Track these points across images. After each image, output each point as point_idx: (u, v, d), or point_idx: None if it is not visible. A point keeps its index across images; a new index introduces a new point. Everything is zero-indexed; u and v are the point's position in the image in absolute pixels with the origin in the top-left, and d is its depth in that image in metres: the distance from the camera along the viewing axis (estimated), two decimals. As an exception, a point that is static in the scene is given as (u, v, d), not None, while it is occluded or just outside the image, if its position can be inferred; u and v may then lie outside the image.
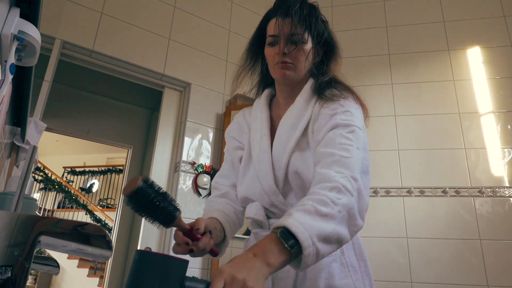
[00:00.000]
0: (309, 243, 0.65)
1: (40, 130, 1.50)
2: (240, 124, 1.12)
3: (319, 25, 1.00)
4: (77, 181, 8.47)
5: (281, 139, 0.96)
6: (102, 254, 0.46)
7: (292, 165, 0.91)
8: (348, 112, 0.90)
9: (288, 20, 0.95)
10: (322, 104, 0.94)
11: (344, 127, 0.86)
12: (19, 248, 0.42)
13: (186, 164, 2.36)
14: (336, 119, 0.88)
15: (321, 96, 0.96)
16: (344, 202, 0.72)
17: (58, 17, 2.13)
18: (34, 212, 0.98)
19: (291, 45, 0.96)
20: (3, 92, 0.67)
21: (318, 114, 0.93)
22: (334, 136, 0.85)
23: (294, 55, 0.96)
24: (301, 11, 0.96)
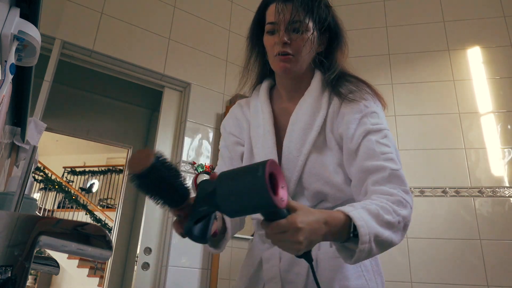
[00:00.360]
0: (366, 239, 0.67)
1: (40, 130, 1.50)
2: (238, 119, 1.03)
3: (322, 10, 0.91)
4: (77, 181, 8.47)
5: (294, 138, 0.88)
6: (102, 254, 0.46)
7: (309, 166, 0.86)
8: (374, 114, 0.87)
9: (289, 5, 0.87)
10: (340, 102, 0.89)
11: (376, 132, 0.84)
12: (19, 248, 0.42)
13: (186, 164, 2.36)
14: (366, 124, 0.84)
15: (337, 93, 0.90)
16: (404, 215, 0.75)
17: (58, 17, 2.13)
18: (34, 212, 0.98)
19: (292, 33, 0.87)
20: (3, 92, 0.67)
21: (338, 113, 0.88)
22: (371, 145, 0.82)
23: (296, 45, 0.88)
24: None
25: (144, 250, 2.22)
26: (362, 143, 0.83)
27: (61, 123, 4.11)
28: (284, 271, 0.86)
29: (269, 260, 0.88)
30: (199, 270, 2.22)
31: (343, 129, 0.86)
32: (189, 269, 2.19)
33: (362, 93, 0.89)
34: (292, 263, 0.85)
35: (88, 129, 4.19)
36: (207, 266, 2.24)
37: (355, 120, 0.85)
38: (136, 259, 2.24)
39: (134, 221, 4.04)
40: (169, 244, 2.18)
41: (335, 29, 0.95)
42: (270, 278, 0.87)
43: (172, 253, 2.16)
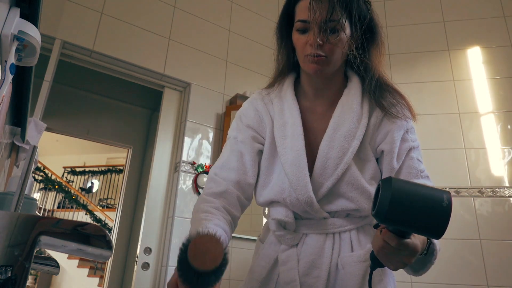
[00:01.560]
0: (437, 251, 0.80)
1: (40, 130, 1.50)
2: (260, 112, 0.94)
3: (360, 7, 0.84)
4: (77, 181, 8.47)
5: (335, 145, 0.84)
6: (102, 254, 0.46)
7: (349, 175, 0.84)
8: (413, 129, 0.90)
9: (325, 2, 0.79)
10: (382, 115, 0.87)
11: (416, 149, 0.88)
12: (19, 248, 0.42)
13: (186, 164, 2.36)
14: (408, 141, 0.87)
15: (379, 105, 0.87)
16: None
17: (58, 17, 2.13)
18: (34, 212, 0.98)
19: (326, 33, 0.80)
20: (3, 92, 0.67)
21: (379, 125, 0.87)
22: (413, 163, 0.86)
23: (330, 46, 0.81)
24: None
25: (144, 250, 2.22)
26: (405, 161, 0.86)
27: (61, 123, 4.11)
28: (303, 274, 0.83)
29: (286, 263, 0.85)
30: (199, 270, 2.22)
31: (387, 147, 0.85)
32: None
33: (403, 108, 0.88)
34: (312, 266, 0.83)
35: (88, 129, 4.19)
36: (207, 266, 2.24)
37: (398, 136, 0.86)
38: (136, 259, 2.24)
39: (134, 221, 4.04)
40: (169, 244, 2.18)
41: (372, 26, 0.89)
42: (287, 282, 0.83)
43: (172, 253, 2.16)
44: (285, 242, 0.87)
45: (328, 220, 0.85)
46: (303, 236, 0.86)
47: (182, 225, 2.24)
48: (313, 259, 0.83)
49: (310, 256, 0.83)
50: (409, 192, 0.60)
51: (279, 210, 0.88)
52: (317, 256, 0.83)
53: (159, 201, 2.34)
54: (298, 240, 0.86)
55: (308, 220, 0.87)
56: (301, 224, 0.87)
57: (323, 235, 0.85)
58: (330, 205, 0.85)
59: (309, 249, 0.84)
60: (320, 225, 0.85)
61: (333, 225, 0.85)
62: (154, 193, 2.34)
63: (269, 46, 2.96)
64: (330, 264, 0.82)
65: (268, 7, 3.03)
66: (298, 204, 0.84)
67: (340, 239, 0.85)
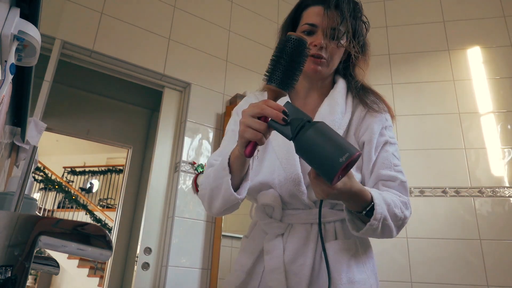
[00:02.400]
0: (378, 217, 0.79)
1: (40, 130, 1.50)
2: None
3: (361, 27, 0.96)
4: (77, 181, 8.47)
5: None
6: (102, 254, 0.45)
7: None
8: (391, 128, 0.99)
9: (334, 13, 0.89)
10: (365, 110, 0.96)
11: (392, 145, 0.96)
12: (19, 248, 0.42)
13: (186, 164, 2.36)
14: (385, 135, 0.95)
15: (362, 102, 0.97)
16: (406, 215, 0.88)
17: (58, 17, 2.13)
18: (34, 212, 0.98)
19: (331, 40, 0.90)
20: (3, 92, 0.67)
21: (363, 119, 0.96)
22: (388, 156, 0.94)
23: (330, 50, 0.91)
24: (349, 6, 0.91)
25: (144, 250, 2.22)
26: (381, 154, 0.94)
27: (61, 123, 4.10)
28: (288, 262, 0.86)
29: (272, 251, 0.88)
30: (199, 270, 2.22)
31: (367, 137, 0.94)
32: (189, 269, 2.19)
33: (383, 105, 0.98)
34: (297, 254, 0.86)
35: (88, 129, 4.19)
36: (207, 266, 2.24)
37: (377, 130, 0.94)
38: (136, 259, 2.24)
39: (134, 221, 4.04)
40: (169, 244, 2.18)
41: (364, 45, 1.00)
42: (272, 269, 0.87)
43: (172, 253, 2.16)
44: (271, 231, 0.91)
45: (313, 211, 0.90)
46: (289, 226, 0.91)
47: (182, 225, 2.24)
48: (298, 247, 0.87)
49: (295, 244, 0.88)
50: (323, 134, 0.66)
51: (267, 194, 0.91)
52: (302, 245, 0.87)
53: (159, 201, 2.34)
54: (284, 230, 0.90)
55: (294, 210, 0.91)
56: (288, 214, 0.91)
57: (308, 224, 0.89)
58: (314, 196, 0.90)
59: (294, 238, 0.88)
60: (306, 215, 0.90)
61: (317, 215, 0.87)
62: (154, 193, 2.34)
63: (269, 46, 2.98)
64: (315, 252, 0.86)
65: (268, 7, 3.03)
66: (287, 184, 0.89)
67: (325, 230, 0.89)
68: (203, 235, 2.28)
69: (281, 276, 0.85)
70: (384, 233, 0.84)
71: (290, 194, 0.89)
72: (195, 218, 2.29)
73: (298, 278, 0.84)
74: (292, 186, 0.88)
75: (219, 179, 0.83)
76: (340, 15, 0.89)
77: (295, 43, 0.68)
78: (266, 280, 0.88)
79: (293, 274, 0.85)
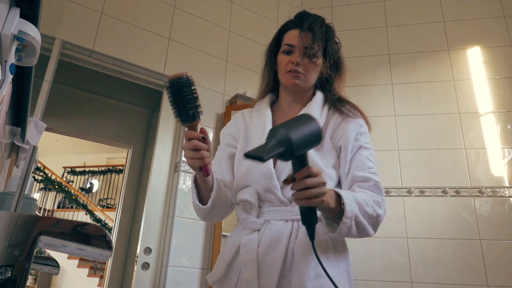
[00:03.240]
0: (349, 215, 0.85)
1: (40, 130, 1.50)
2: (238, 123, 1.17)
3: (333, 45, 1.09)
4: (77, 181, 8.47)
5: None
6: (102, 254, 0.45)
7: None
8: (366, 134, 1.06)
9: (310, 34, 1.03)
10: (342, 117, 1.05)
11: (367, 149, 1.03)
12: (19, 248, 0.42)
13: (186, 164, 2.36)
14: (360, 141, 1.03)
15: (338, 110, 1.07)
16: (379, 213, 0.93)
17: (58, 17, 2.13)
18: (34, 212, 0.98)
19: (306, 57, 1.03)
20: (3, 92, 0.67)
21: (338, 125, 1.05)
22: (362, 159, 1.00)
23: (306, 67, 1.04)
24: (321, 29, 1.05)
25: (144, 250, 2.22)
26: (355, 157, 1.01)
27: (61, 123, 4.10)
28: (262, 255, 0.94)
29: (247, 245, 0.96)
30: (199, 270, 2.22)
31: (343, 142, 1.02)
32: (189, 269, 2.19)
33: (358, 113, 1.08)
34: (270, 248, 0.93)
35: (88, 129, 4.19)
36: (207, 266, 2.24)
37: (352, 135, 1.02)
38: (136, 259, 2.24)
39: (134, 221, 4.04)
40: (169, 244, 2.18)
41: (339, 62, 1.12)
42: (246, 262, 0.94)
43: (172, 253, 2.16)
44: (248, 227, 0.99)
45: (288, 208, 0.97)
46: (266, 223, 0.98)
47: (182, 225, 2.24)
48: (272, 240, 0.94)
49: (269, 238, 0.95)
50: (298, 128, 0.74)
51: (245, 191, 1.01)
52: (276, 239, 0.94)
53: (159, 201, 2.34)
54: (260, 226, 0.98)
55: (271, 207, 0.99)
56: (264, 211, 0.99)
57: (283, 221, 0.96)
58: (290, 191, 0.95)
59: (269, 233, 0.95)
60: (281, 212, 0.97)
61: (292, 212, 0.96)
62: (154, 193, 2.34)
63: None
64: (287, 247, 0.93)
65: (268, 7, 3.03)
66: (261, 180, 0.98)
67: (299, 226, 0.95)
68: (203, 235, 2.28)
69: (254, 268, 0.92)
70: (360, 231, 0.89)
71: (264, 189, 0.98)
72: (195, 218, 2.29)
73: (270, 271, 0.91)
74: (265, 181, 0.97)
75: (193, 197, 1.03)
76: (313, 36, 1.03)
77: (171, 84, 0.79)
78: (242, 272, 0.95)
79: (266, 267, 0.92)
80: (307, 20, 1.05)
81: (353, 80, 2.77)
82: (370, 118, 1.14)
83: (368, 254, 2.35)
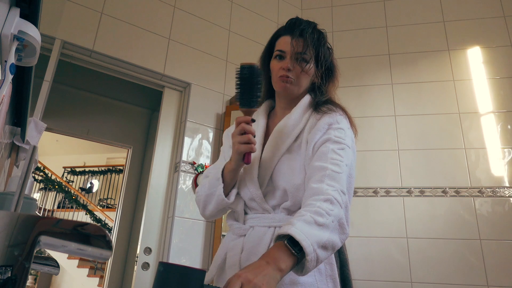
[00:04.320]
0: (311, 250, 0.74)
1: (40, 130, 1.50)
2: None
3: (325, 51, 1.09)
4: (77, 181, 8.47)
5: (272, 143, 1.05)
6: (102, 254, 0.45)
7: (279, 167, 1.02)
8: (341, 130, 1.00)
9: (301, 40, 1.05)
10: (319, 117, 1.03)
11: (336, 143, 0.96)
12: (19, 248, 0.42)
13: (186, 164, 2.36)
14: (330, 134, 0.98)
15: (318, 110, 1.05)
16: (336, 213, 0.83)
17: (58, 17, 2.13)
18: (34, 212, 0.98)
19: (297, 63, 1.05)
20: (3, 92, 0.67)
21: (315, 124, 1.02)
22: (326, 151, 0.94)
23: (297, 72, 1.05)
24: (313, 35, 1.07)
25: (144, 250, 2.22)
26: (320, 149, 0.96)
27: (61, 123, 4.11)
28: (244, 260, 0.97)
29: (232, 249, 1.02)
30: (199, 270, 2.22)
31: (311, 136, 1.00)
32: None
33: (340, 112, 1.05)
34: (251, 254, 0.97)
35: (88, 129, 4.19)
36: (207, 266, 2.24)
37: (323, 128, 1.00)
38: (136, 259, 2.24)
39: (134, 221, 4.04)
40: (169, 244, 2.18)
41: (331, 68, 1.12)
42: (230, 265, 1.00)
43: (172, 253, 2.16)
44: (235, 232, 1.05)
45: (270, 215, 1.00)
46: (250, 229, 1.02)
47: (182, 225, 2.24)
48: (253, 246, 0.98)
49: (251, 243, 0.99)
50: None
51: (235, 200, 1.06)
52: (257, 244, 0.97)
53: (159, 201, 2.34)
54: (246, 231, 1.02)
55: (256, 214, 1.03)
56: (250, 218, 1.04)
57: (265, 227, 0.99)
58: (272, 200, 1.01)
59: (252, 238, 1.00)
60: (264, 219, 1.01)
61: (273, 219, 0.99)
62: (154, 193, 2.34)
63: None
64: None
65: (268, 7, 3.03)
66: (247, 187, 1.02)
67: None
68: (203, 235, 2.28)
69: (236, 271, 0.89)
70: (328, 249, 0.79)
71: (250, 197, 1.02)
72: (195, 218, 2.29)
73: None
74: (250, 189, 1.02)
75: (213, 188, 1.02)
76: (304, 42, 1.04)
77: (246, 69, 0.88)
78: (227, 274, 0.99)
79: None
80: (298, 26, 1.06)
81: (353, 80, 2.77)
82: (370, 118, 1.13)
83: (368, 254, 2.35)
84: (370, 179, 2.50)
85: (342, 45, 2.86)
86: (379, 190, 2.48)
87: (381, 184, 2.48)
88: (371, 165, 2.53)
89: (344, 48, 2.86)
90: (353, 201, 2.49)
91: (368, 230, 2.41)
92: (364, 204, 2.47)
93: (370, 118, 2.62)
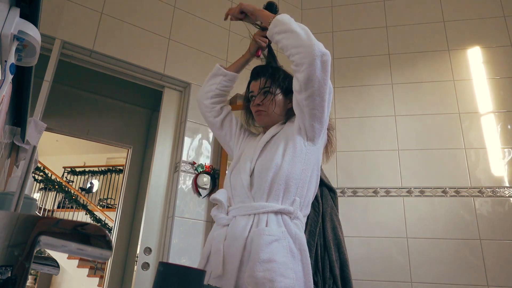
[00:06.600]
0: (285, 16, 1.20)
1: (40, 130, 1.50)
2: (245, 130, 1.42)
3: (282, 79, 1.28)
4: (77, 181, 8.47)
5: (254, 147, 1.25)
6: (102, 254, 0.45)
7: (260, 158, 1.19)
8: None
9: (259, 79, 1.28)
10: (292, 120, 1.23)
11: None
12: (19, 248, 0.42)
13: (186, 164, 2.36)
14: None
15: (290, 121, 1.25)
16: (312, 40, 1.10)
17: (58, 17, 2.13)
18: (34, 212, 0.98)
19: (263, 97, 1.25)
20: (3, 92, 0.67)
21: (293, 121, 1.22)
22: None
23: (266, 104, 1.25)
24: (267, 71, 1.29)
25: (144, 250, 2.22)
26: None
27: (61, 123, 4.10)
28: (226, 246, 1.09)
29: (217, 238, 1.13)
30: (199, 270, 2.22)
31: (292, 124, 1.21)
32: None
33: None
34: (233, 241, 1.08)
35: (88, 129, 4.19)
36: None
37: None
38: (136, 259, 2.24)
39: (134, 221, 4.03)
40: (169, 244, 2.18)
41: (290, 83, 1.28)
42: (214, 252, 1.11)
43: (172, 253, 2.16)
44: (219, 223, 1.16)
45: (252, 204, 1.12)
46: (233, 219, 1.13)
47: (182, 225, 2.24)
48: (235, 233, 1.09)
49: (234, 231, 1.09)
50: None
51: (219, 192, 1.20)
52: (240, 232, 1.08)
53: (159, 201, 2.34)
54: (229, 221, 1.14)
55: (238, 205, 1.15)
56: (233, 209, 1.15)
57: (246, 216, 1.11)
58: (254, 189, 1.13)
59: (234, 226, 1.11)
60: (246, 208, 1.12)
61: (254, 208, 1.10)
62: (154, 193, 2.34)
63: (269, 46, 2.95)
64: (247, 237, 1.06)
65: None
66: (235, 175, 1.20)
67: (259, 219, 1.09)
68: (203, 235, 2.28)
69: (219, 257, 1.07)
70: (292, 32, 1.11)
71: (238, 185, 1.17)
72: (195, 218, 2.29)
73: (232, 259, 1.05)
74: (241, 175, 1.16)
75: (212, 74, 1.41)
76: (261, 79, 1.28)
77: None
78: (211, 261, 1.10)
79: (229, 255, 1.06)
80: (255, 70, 1.32)
81: (353, 80, 2.77)
82: (370, 118, 1.16)
83: (368, 254, 2.35)
84: (370, 179, 2.50)
85: (342, 45, 2.86)
86: (379, 190, 2.48)
87: (381, 184, 2.48)
88: (371, 165, 2.53)
89: (344, 48, 2.86)
90: (353, 201, 2.50)
91: (368, 230, 2.41)
92: (364, 204, 2.47)
93: (370, 118, 2.62)
